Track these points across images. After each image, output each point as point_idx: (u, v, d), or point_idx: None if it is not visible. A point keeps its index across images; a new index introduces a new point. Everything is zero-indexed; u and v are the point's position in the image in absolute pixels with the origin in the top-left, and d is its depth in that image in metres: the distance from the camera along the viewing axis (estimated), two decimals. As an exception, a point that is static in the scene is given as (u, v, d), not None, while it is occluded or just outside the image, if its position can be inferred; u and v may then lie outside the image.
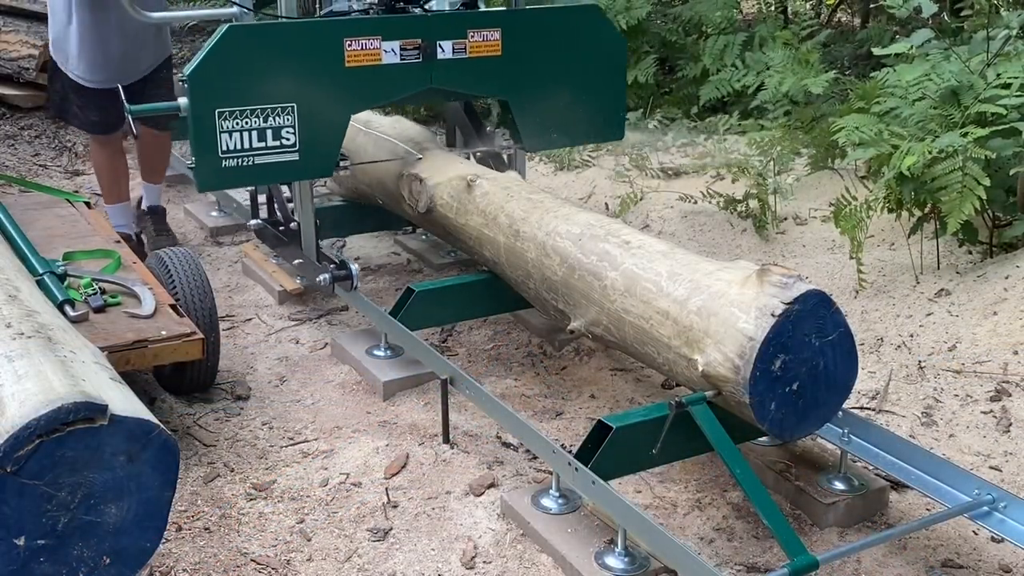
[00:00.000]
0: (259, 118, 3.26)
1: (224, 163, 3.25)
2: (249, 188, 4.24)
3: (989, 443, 3.03)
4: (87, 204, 4.15)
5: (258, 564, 2.56)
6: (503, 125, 3.97)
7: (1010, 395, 3.23)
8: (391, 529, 2.71)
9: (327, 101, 3.42)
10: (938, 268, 4.02)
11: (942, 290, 3.83)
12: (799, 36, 6.09)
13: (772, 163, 5.02)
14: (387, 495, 2.85)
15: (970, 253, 4.12)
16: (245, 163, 3.29)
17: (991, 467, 2.92)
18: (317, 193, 4.85)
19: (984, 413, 3.16)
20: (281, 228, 4.10)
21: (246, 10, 3.68)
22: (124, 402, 2.03)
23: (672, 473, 2.91)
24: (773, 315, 2.32)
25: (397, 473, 2.96)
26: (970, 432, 3.09)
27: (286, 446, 3.11)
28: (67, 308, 2.93)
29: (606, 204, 5.09)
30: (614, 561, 2.46)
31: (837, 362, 2.44)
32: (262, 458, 3.04)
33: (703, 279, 2.56)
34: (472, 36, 3.57)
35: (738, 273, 2.51)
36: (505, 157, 4.04)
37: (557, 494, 2.70)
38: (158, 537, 2.07)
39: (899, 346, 3.59)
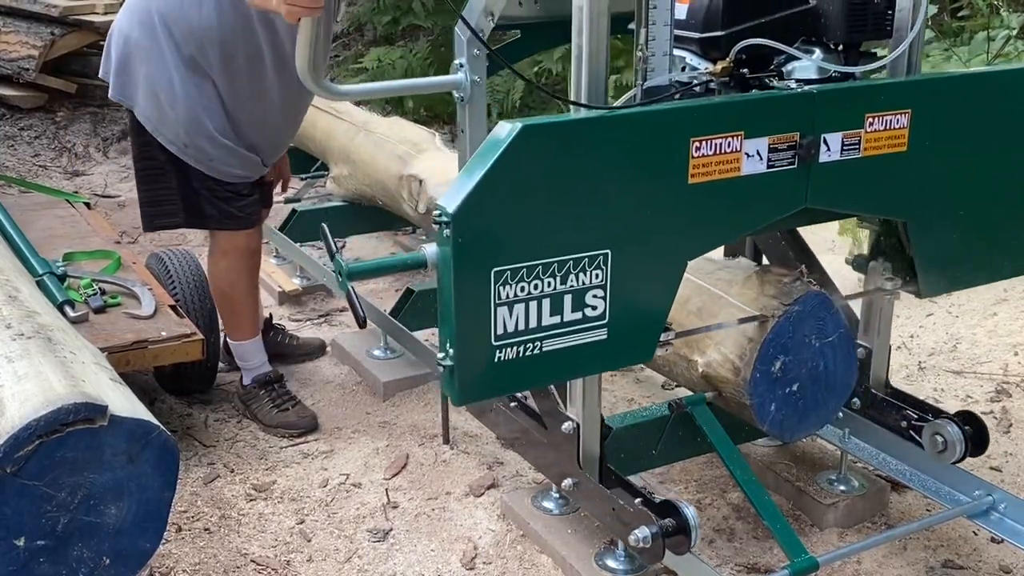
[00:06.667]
0: (555, 278, 1.96)
1: (498, 355, 1.95)
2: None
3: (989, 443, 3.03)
4: (87, 204, 4.15)
5: (258, 565, 2.56)
6: (883, 256, 2.57)
7: (1010, 395, 3.23)
8: (391, 530, 2.71)
9: (658, 241, 2.04)
10: (938, 268, 4.02)
11: (942, 290, 3.83)
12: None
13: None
14: (387, 496, 2.85)
15: (970, 253, 4.12)
16: (529, 352, 1.98)
17: (991, 467, 2.92)
18: (316, 194, 4.83)
19: (984, 413, 3.16)
20: (515, 404, 2.71)
21: (494, 57, 2.43)
22: (124, 402, 2.03)
23: (672, 473, 2.91)
24: (773, 316, 2.32)
25: (397, 474, 2.96)
26: (970, 432, 3.09)
27: (286, 446, 3.11)
28: (67, 309, 2.93)
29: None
30: (614, 562, 2.46)
31: (837, 363, 2.44)
32: (262, 459, 3.04)
33: (703, 279, 2.56)
34: (870, 124, 2.18)
35: (738, 273, 2.51)
36: (870, 303, 2.70)
37: (557, 495, 2.70)
38: (158, 538, 2.07)
39: (899, 346, 3.59)
